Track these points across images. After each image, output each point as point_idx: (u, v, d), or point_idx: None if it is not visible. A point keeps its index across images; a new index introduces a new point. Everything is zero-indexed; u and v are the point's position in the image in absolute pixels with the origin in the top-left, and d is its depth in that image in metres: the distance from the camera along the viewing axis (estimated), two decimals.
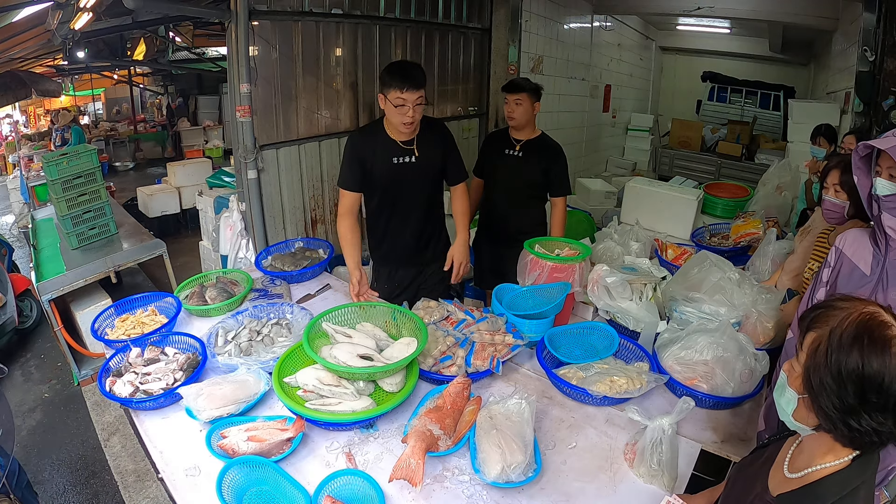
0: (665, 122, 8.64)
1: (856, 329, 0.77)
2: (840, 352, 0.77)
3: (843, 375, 0.76)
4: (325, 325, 1.67)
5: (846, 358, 0.76)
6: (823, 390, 0.79)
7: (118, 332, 1.90)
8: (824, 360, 0.79)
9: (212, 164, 6.33)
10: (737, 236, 2.89)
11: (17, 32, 4.50)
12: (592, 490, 1.29)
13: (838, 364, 0.77)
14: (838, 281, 1.44)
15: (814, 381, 0.80)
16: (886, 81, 3.31)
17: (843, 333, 0.78)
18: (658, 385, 1.59)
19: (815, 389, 0.80)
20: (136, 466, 2.64)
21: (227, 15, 2.79)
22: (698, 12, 5.57)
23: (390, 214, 2.24)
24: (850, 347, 0.76)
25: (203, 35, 7.20)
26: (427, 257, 2.35)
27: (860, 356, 0.75)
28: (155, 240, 3.64)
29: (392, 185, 2.15)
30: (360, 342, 1.63)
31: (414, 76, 1.94)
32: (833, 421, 0.79)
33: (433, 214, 2.32)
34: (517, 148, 2.59)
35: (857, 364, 0.75)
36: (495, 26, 4.59)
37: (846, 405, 0.77)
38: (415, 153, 2.11)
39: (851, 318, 0.79)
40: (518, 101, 2.49)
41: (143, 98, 13.09)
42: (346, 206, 2.15)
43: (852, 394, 0.76)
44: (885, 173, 1.27)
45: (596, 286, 2.05)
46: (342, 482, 1.27)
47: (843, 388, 0.77)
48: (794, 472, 0.89)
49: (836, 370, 0.77)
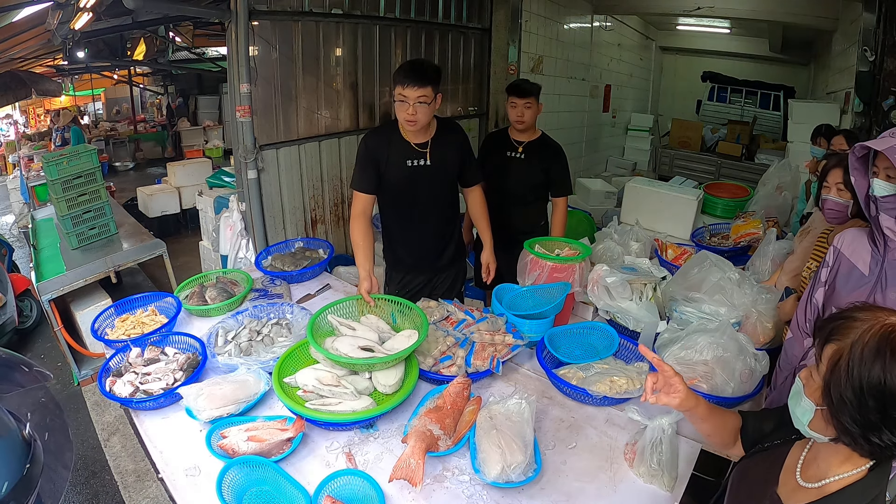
0: (665, 122, 8.65)
1: (878, 342, 0.75)
2: (862, 366, 0.75)
3: (865, 390, 0.74)
4: (331, 317, 1.68)
5: (868, 372, 0.74)
6: (844, 405, 0.77)
7: (118, 332, 1.90)
8: (846, 375, 0.76)
9: (212, 164, 6.33)
10: (737, 236, 2.89)
11: (17, 32, 4.50)
12: (592, 490, 1.29)
13: (860, 379, 0.75)
14: (837, 281, 1.44)
15: (834, 395, 0.78)
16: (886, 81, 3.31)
17: (864, 347, 0.76)
18: None
19: (835, 404, 0.78)
20: (136, 466, 2.63)
21: (227, 15, 2.79)
22: (698, 12, 5.57)
23: (404, 218, 2.19)
24: (873, 362, 0.74)
25: (203, 35, 7.20)
26: (441, 264, 2.30)
27: (882, 370, 0.73)
28: (155, 240, 3.64)
29: (406, 189, 2.10)
30: (362, 335, 1.63)
31: (418, 73, 1.89)
32: (853, 436, 0.77)
33: (448, 219, 2.26)
34: (520, 150, 2.57)
35: (879, 379, 0.73)
36: (495, 26, 4.60)
37: (867, 421, 0.75)
38: (427, 156, 2.06)
39: (873, 330, 0.76)
40: (528, 104, 2.47)
41: (143, 98, 13.09)
42: (359, 208, 2.06)
43: (874, 409, 0.74)
44: (882, 174, 1.27)
45: (596, 286, 2.05)
46: (342, 482, 1.27)
47: (864, 404, 0.75)
48: (808, 480, 0.87)
49: (858, 385, 0.75)
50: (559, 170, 2.58)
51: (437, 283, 2.34)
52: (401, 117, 1.97)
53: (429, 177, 2.09)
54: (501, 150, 2.62)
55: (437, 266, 2.31)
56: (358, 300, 1.88)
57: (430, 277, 2.32)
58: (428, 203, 2.16)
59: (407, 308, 1.79)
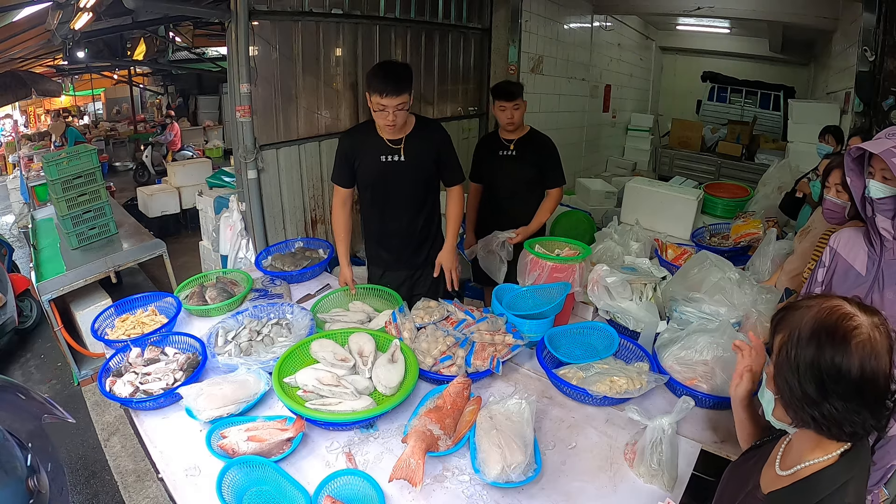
0: (665, 122, 8.64)
1: (813, 324, 0.80)
2: (798, 347, 0.80)
3: (801, 369, 0.79)
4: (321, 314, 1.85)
5: (804, 353, 0.79)
6: (786, 386, 0.82)
7: (118, 332, 1.90)
8: (786, 358, 0.82)
9: (212, 164, 6.33)
10: (737, 236, 2.89)
11: (17, 32, 4.50)
12: (592, 490, 1.29)
13: (797, 360, 0.80)
14: (833, 281, 1.44)
15: (778, 380, 0.84)
16: (886, 81, 3.31)
17: (801, 330, 0.81)
18: (658, 385, 1.59)
19: (780, 388, 0.84)
20: (136, 466, 2.63)
21: (227, 15, 2.79)
22: (698, 12, 5.57)
23: (380, 214, 2.24)
24: (808, 342, 0.79)
25: (203, 35, 7.21)
26: (419, 261, 2.32)
27: (816, 349, 0.78)
28: (155, 240, 3.64)
29: (379, 183, 2.17)
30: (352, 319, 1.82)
31: (394, 81, 1.91)
32: (799, 414, 0.82)
33: (427, 217, 2.27)
34: (511, 147, 2.63)
35: (814, 357, 0.78)
36: (495, 26, 4.59)
37: (808, 397, 0.79)
38: (401, 152, 2.10)
39: (811, 314, 0.81)
40: (516, 105, 2.53)
41: (143, 98, 13.09)
42: (339, 200, 2.24)
43: (812, 385, 0.78)
44: (878, 175, 1.27)
45: (596, 286, 2.05)
46: (342, 482, 1.27)
47: (804, 381, 0.79)
48: (784, 469, 0.90)
49: (796, 366, 0.80)
50: (550, 161, 2.62)
51: (418, 280, 2.34)
52: (380, 123, 2.03)
53: (402, 172, 2.13)
54: (494, 151, 2.67)
55: (415, 263, 2.32)
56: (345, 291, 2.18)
57: (409, 274, 2.34)
58: (401, 199, 2.19)
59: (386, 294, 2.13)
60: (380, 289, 2.20)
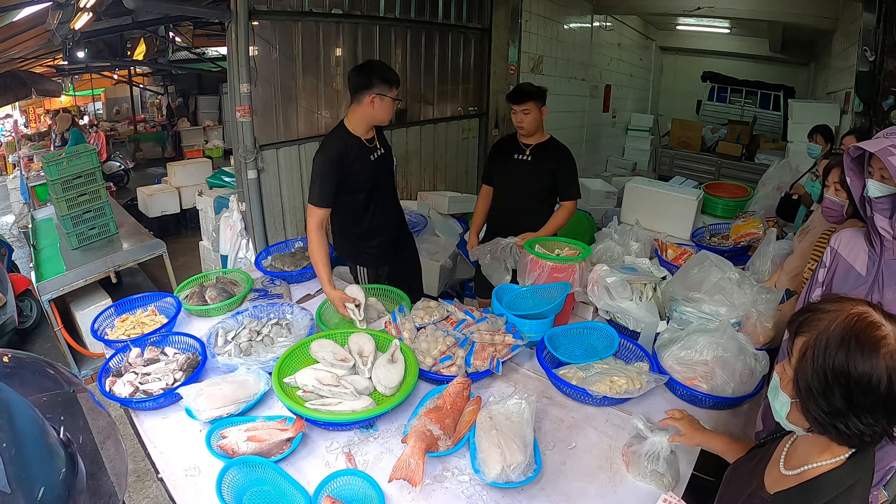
0: (665, 122, 8.64)
1: (842, 331, 0.77)
2: (826, 355, 0.77)
3: (830, 379, 0.76)
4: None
5: (832, 361, 0.76)
6: (811, 394, 0.79)
7: (118, 332, 1.90)
8: (811, 364, 0.78)
9: (212, 164, 6.33)
10: (737, 236, 2.89)
11: (17, 32, 4.50)
12: (592, 490, 1.29)
13: (824, 367, 0.77)
14: (834, 281, 1.44)
15: (802, 385, 0.80)
16: (886, 81, 3.31)
17: (829, 337, 0.77)
18: (658, 385, 1.59)
19: (803, 393, 0.80)
20: (135, 466, 2.63)
21: (227, 15, 2.79)
22: (698, 12, 5.58)
23: (374, 210, 2.29)
24: (836, 350, 0.76)
25: (203, 35, 7.21)
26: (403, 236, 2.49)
27: (846, 358, 0.75)
28: (155, 240, 3.64)
29: (373, 180, 2.22)
30: None
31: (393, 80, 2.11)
32: (822, 424, 0.79)
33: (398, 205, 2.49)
34: (527, 152, 2.57)
35: (842, 366, 0.75)
36: (495, 26, 4.60)
37: (833, 408, 0.77)
38: (378, 147, 2.23)
39: (839, 320, 0.78)
40: (526, 110, 2.45)
41: (143, 98, 13.08)
42: (317, 223, 2.11)
43: (839, 397, 0.76)
44: (877, 175, 1.27)
45: (596, 286, 2.05)
46: (342, 482, 1.26)
47: (829, 392, 0.76)
48: (789, 469, 0.89)
49: (823, 373, 0.77)
50: (566, 172, 2.56)
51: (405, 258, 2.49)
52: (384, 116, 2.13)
53: (386, 163, 2.30)
54: (510, 153, 2.62)
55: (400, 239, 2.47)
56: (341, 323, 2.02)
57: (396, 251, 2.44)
58: (389, 185, 2.36)
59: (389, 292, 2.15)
60: (385, 288, 2.22)
